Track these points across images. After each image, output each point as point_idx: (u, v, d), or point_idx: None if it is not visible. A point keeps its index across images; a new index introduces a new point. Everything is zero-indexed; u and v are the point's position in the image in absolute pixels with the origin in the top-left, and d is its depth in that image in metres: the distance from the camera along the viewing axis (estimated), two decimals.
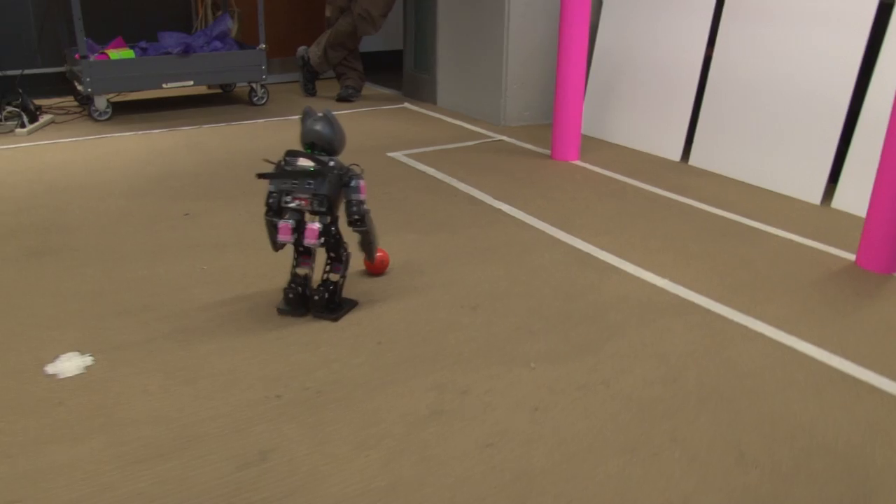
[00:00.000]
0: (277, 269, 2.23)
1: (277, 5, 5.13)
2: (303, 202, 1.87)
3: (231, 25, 4.46)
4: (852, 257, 2.44)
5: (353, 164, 1.93)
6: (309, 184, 1.85)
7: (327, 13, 4.62)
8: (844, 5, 2.87)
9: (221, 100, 4.55)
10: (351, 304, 2.03)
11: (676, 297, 2.12)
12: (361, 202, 1.91)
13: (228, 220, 2.62)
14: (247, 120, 4.07)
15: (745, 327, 1.97)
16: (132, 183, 3.01)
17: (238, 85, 4.77)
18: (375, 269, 2.21)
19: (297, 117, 4.14)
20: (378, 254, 2.20)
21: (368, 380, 1.71)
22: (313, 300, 1.95)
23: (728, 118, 3.25)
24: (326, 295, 1.95)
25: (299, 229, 1.90)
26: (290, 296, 1.95)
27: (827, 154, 2.92)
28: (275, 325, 1.93)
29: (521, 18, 3.84)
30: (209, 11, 4.88)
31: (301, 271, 1.98)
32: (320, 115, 1.90)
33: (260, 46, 4.32)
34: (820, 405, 1.65)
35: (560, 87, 3.27)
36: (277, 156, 1.97)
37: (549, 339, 1.88)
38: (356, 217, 1.91)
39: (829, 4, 2.91)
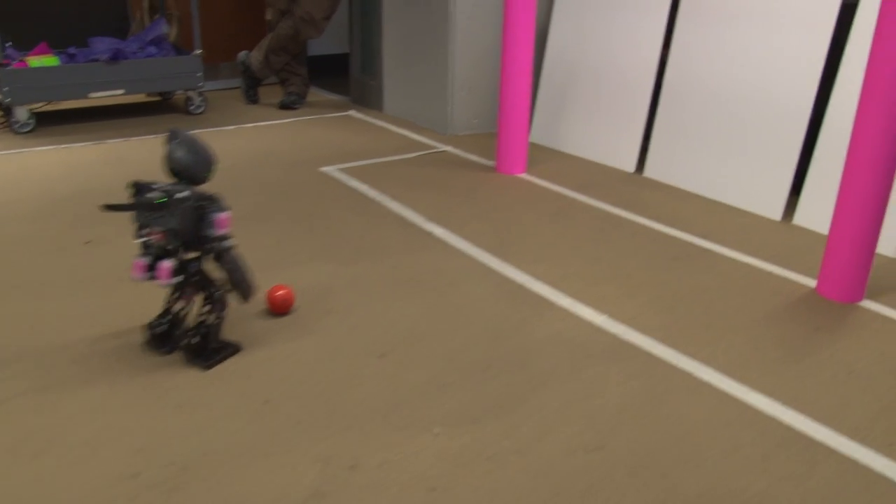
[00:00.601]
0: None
1: (217, 8, 4.86)
2: (157, 237, 1.64)
3: (167, 30, 4.19)
4: (813, 283, 2.21)
5: (213, 194, 1.68)
6: (158, 217, 1.61)
7: (268, 16, 4.36)
8: (806, 6, 2.64)
9: (158, 109, 4.28)
10: (231, 350, 1.79)
11: (615, 337, 1.88)
12: (219, 238, 1.67)
13: (136, 248, 2.36)
14: None
15: (690, 375, 1.73)
16: (39, 204, 2.74)
17: (177, 92, 4.49)
18: (277, 308, 1.96)
19: (231, 127, 3.87)
20: (281, 291, 1.96)
21: (246, 450, 1.46)
22: (183, 345, 1.73)
23: (684, 126, 3.02)
24: (196, 339, 1.72)
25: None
26: (152, 332, 1.75)
27: (788, 165, 2.69)
28: (153, 379, 1.67)
29: (468, 20, 3.59)
30: (146, 15, 4.60)
31: (177, 307, 1.75)
32: (180, 139, 1.64)
33: (195, 52, 4.05)
34: (768, 477, 1.41)
35: (504, 95, 3.02)
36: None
37: (462, 394, 1.64)
38: (213, 255, 1.67)
39: (789, 5, 2.68)
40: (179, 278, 1.67)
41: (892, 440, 1.54)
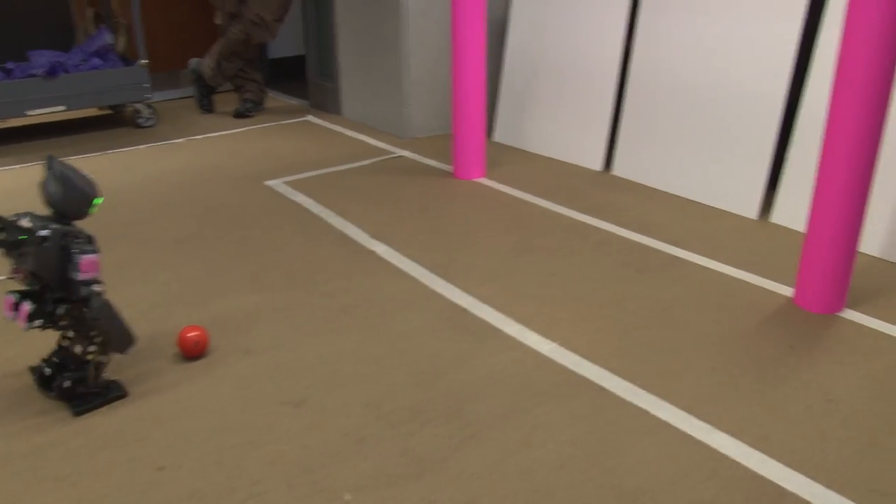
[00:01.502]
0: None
1: (164, 14, 4.64)
2: (21, 276, 1.48)
3: (111, 40, 3.96)
4: (790, 292, 2.00)
5: (81, 233, 1.49)
6: (21, 255, 1.44)
7: (217, 20, 4.14)
8: None
9: (107, 123, 4.06)
10: (114, 394, 1.60)
11: (563, 370, 1.67)
12: (83, 283, 1.46)
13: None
14: (127, 147, 3.58)
15: (646, 413, 1.52)
16: None
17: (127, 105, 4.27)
18: (189, 351, 1.76)
19: (181, 140, 3.66)
20: (192, 333, 1.75)
21: None
22: (55, 386, 1.56)
23: (653, 121, 2.80)
24: (68, 383, 1.55)
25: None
26: (39, 375, 1.60)
27: (763, 160, 2.47)
28: (32, 441, 1.46)
29: (421, 16, 3.37)
30: (90, 25, 4.38)
31: (66, 344, 1.59)
32: (54, 171, 1.45)
33: (140, 62, 3.83)
34: None
35: (457, 96, 2.81)
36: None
37: (381, 451, 1.43)
38: (78, 300, 1.48)
39: None
40: (38, 323, 1.49)
41: (875, 485, 1.33)
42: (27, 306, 1.47)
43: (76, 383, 1.55)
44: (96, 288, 1.48)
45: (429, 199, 2.73)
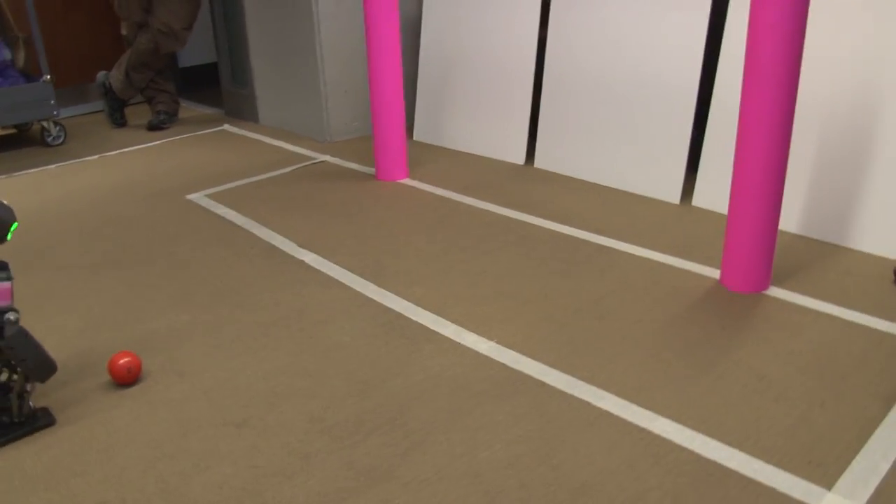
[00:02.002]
0: None
1: (66, 26, 4.48)
2: None
3: (9, 56, 3.81)
4: (716, 274, 2.05)
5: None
6: None
7: (123, 31, 4.01)
8: None
9: (12, 143, 3.89)
10: (41, 423, 1.55)
11: (503, 367, 1.68)
12: None
13: None
14: (36, 167, 3.45)
15: (587, 404, 1.54)
16: None
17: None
18: (121, 379, 1.70)
19: (94, 157, 3.54)
20: (123, 360, 1.70)
21: None
22: None
23: (572, 113, 2.84)
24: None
25: None
26: None
27: (681, 145, 2.53)
28: None
29: (332, 19, 3.34)
30: None
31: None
32: None
33: (44, 78, 3.69)
34: None
35: (375, 96, 2.79)
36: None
37: (329, 465, 1.41)
38: None
39: None
40: None
41: (811, 456, 1.38)
42: None
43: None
44: (10, 316, 1.43)
45: (353, 204, 2.71)
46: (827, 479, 1.32)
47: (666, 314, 1.87)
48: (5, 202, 1.46)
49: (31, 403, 1.55)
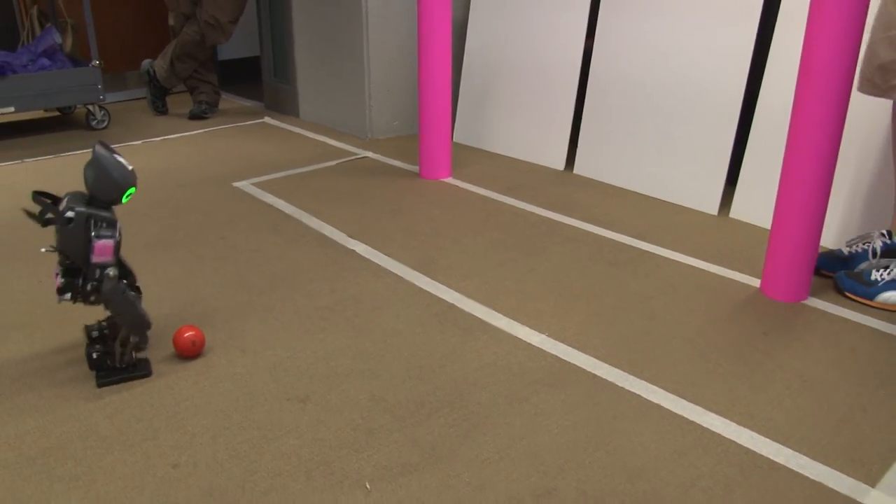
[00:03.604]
0: (75, 363, 1.76)
1: (116, 14, 4.58)
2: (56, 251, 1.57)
3: (59, 39, 3.90)
4: (756, 282, 2.11)
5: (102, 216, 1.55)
6: (56, 232, 1.54)
7: (171, 21, 4.11)
8: None
9: (57, 126, 3.99)
10: (139, 373, 1.69)
11: (555, 359, 1.75)
12: (97, 266, 1.54)
13: (21, 289, 2.13)
14: (81, 149, 3.53)
15: (639, 397, 1.61)
16: None
17: (77, 107, 4.20)
18: (185, 351, 1.77)
19: (138, 142, 3.63)
20: (188, 333, 1.77)
21: None
22: (88, 354, 1.66)
23: (613, 120, 2.91)
24: (96, 355, 1.65)
25: None
26: (88, 335, 1.68)
27: (722, 157, 2.59)
28: (42, 443, 1.46)
29: (381, 18, 3.42)
30: (35, 23, 4.30)
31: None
32: (95, 156, 1.53)
33: (93, 63, 3.78)
34: None
35: (423, 98, 2.86)
36: None
37: (393, 441, 1.48)
38: (94, 281, 1.56)
39: None
40: (68, 296, 1.57)
41: (854, 455, 1.44)
42: (59, 279, 1.55)
43: (103, 355, 1.64)
44: (109, 272, 1.53)
45: (399, 200, 2.78)
46: (871, 478, 1.38)
47: (710, 317, 1.93)
48: (130, 167, 1.56)
49: (133, 353, 1.67)
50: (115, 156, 1.54)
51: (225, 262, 2.27)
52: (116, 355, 1.65)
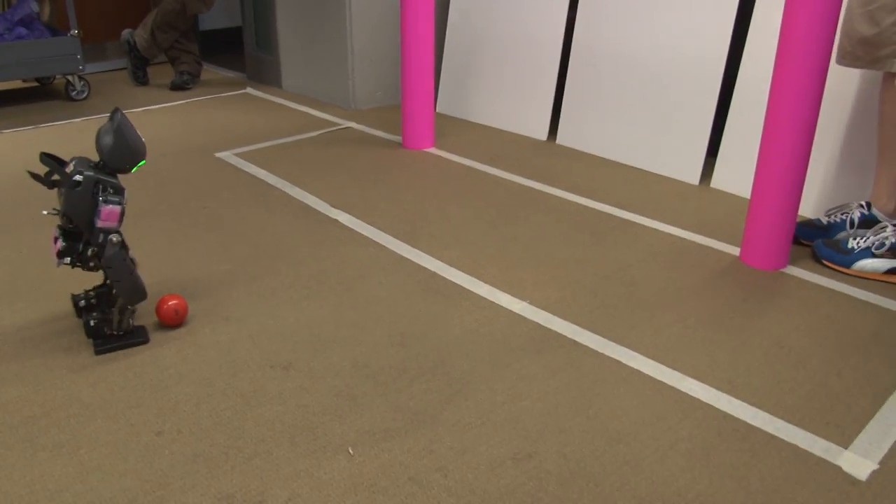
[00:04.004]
0: (58, 333, 1.76)
1: None
2: (59, 214, 1.61)
3: (36, 8, 3.84)
4: (735, 251, 2.13)
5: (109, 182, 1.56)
6: (60, 195, 1.57)
7: None
8: None
9: (35, 95, 3.95)
10: (137, 340, 1.71)
11: (537, 326, 1.76)
12: (101, 230, 1.56)
13: (2, 259, 2.12)
14: (61, 120, 3.50)
15: (619, 363, 1.63)
16: None
17: (56, 77, 4.16)
18: (168, 320, 1.78)
19: None
20: (172, 302, 1.77)
21: (135, 497, 1.28)
22: (85, 322, 1.67)
23: (596, 91, 2.91)
24: (93, 322, 1.65)
25: None
26: (74, 303, 1.74)
27: (703, 128, 2.61)
28: (27, 411, 1.47)
29: None
30: None
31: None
32: (113, 122, 1.55)
33: (72, 32, 3.73)
34: (709, 473, 1.32)
35: (406, 68, 2.85)
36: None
37: (376, 406, 1.49)
38: (96, 245, 1.58)
39: None
40: (67, 260, 1.59)
41: (829, 419, 1.47)
42: (60, 243, 1.57)
43: (100, 323, 1.65)
44: (113, 238, 1.55)
45: (382, 169, 2.78)
46: (844, 439, 1.41)
47: (690, 285, 1.95)
48: (142, 139, 1.58)
49: (130, 321, 1.68)
50: (133, 127, 1.57)
51: (208, 231, 2.27)
52: (114, 322, 1.66)
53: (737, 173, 2.52)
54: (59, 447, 1.40)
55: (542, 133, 3.12)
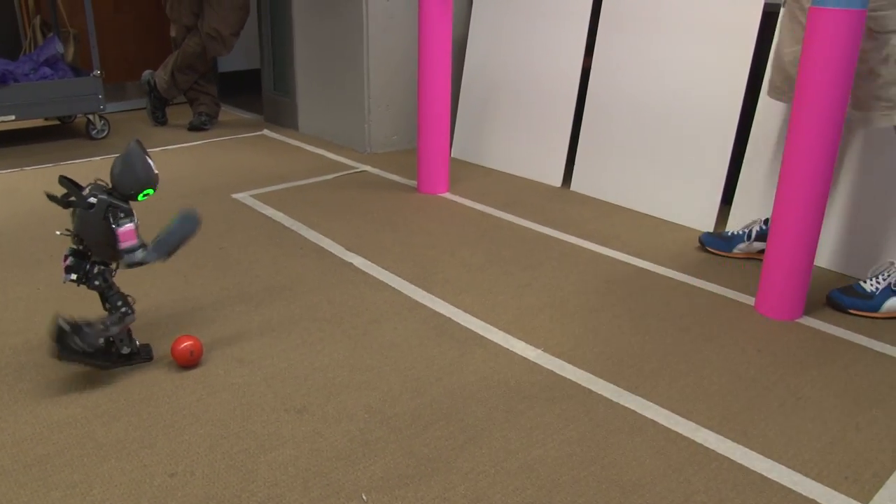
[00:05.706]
0: (74, 372, 1.77)
1: (118, 25, 4.61)
2: (71, 234, 1.68)
3: (61, 49, 3.92)
4: (751, 301, 2.13)
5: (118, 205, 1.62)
6: (74, 216, 1.65)
7: (172, 33, 4.13)
8: (728, 13, 2.57)
9: (57, 133, 4.00)
10: (143, 358, 1.79)
11: (551, 374, 1.76)
12: (125, 251, 1.63)
13: (19, 296, 2.14)
14: (81, 158, 3.55)
15: (633, 413, 1.62)
16: None
17: (77, 116, 4.22)
18: (184, 361, 1.78)
19: None
20: (186, 343, 1.78)
21: None
22: (116, 351, 1.74)
23: (611, 138, 2.93)
24: (77, 339, 1.65)
25: None
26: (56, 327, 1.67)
27: (718, 176, 2.62)
28: (39, 450, 1.47)
29: (383, 32, 3.45)
30: (38, 32, 4.32)
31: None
32: (127, 151, 1.63)
33: (94, 73, 3.79)
34: None
35: (423, 111, 2.89)
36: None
37: (389, 453, 1.49)
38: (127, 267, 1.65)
39: (712, 12, 2.61)
40: (73, 277, 1.66)
41: (847, 474, 1.45)
42: (69, 260, 1.65)
43: (108, 343, 1.72)
44: (139, 253, 1.63)
45: (397, 213, 2.80)
46: (864, 495, 1.39)
47: (704, 333, 1.95)
48: (156, 170, 1.64)
49: (136, 341, 1.78)
50: (146, 156, 1.62)
51: (224, 272, 2.28)
52: (121, 342, 1.73)
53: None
54: (73, 487, 1.39)
55: (556, 179, 3.14)
